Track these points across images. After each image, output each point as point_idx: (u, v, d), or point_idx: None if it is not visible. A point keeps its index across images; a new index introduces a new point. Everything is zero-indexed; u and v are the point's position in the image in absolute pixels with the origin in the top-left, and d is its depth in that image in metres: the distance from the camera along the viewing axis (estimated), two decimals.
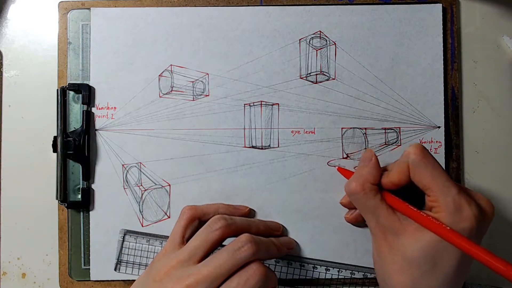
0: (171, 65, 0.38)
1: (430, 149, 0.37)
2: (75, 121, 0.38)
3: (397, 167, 0.31)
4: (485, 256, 0.26)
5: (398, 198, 0.31)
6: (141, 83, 0.38)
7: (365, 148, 0.37)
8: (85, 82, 0.38)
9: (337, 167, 0.37)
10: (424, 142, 0.37)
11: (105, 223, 0.37)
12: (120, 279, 0.37)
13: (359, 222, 0.36)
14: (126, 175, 0.38)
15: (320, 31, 0.38)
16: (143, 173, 0.38)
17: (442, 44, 0.38)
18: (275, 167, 0.38)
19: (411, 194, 0.31)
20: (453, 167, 0.38)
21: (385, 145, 0.38)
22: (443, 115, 0.38)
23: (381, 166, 0.33)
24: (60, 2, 0.38)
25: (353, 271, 0.37)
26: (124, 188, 0.37)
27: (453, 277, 0.29)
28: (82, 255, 0.38)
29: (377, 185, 0.32)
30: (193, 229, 0.34)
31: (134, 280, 0.33)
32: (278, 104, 0.38)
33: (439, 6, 0.38)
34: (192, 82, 0.38)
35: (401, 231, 0.30)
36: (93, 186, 0.37)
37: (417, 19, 0.38)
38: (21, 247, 0.38)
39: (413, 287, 0.29)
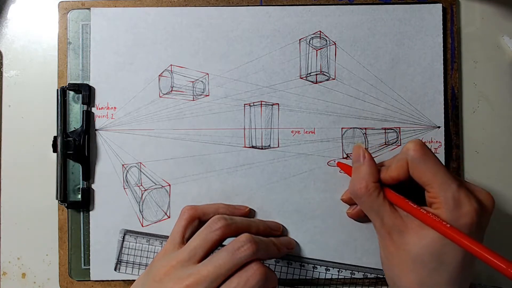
0: (171, 65, 0.38)
1: (430, 149, 0.37)
2: (75, 121, 0.38)
3: (396, 163, 0.31)
4: (485, 254, 0.26)
5: (399, 194, 0.31)
6: (141, 83, 0.38)
7: (366, 148, 0.37)
8: (85, 82, 0.38)
9: (337, 162, 0.37)
10: (424, 142, 0.37)
11: (105, 223, 0.37)
12: (120, 279, 0.37)
13: (361, 218, 0.36)
14: (126, 175, 0.38)
15: (320, 31, 0.38)
16: (143, 173, 0.38)
17: (442, 44, 0.38)
18: (275, 167, 0.38)
19: (412, 189, 0.31)
20: (453, 167, 0.38)
21: (385, 145, 0.38)
22: (443, 115, 0.38)
23: (380, 162, 0.33)
24: (60, 2, 0.38)
25: (353, 271, 0.37)
26: (124, 188, 0.37)
27: (459, 273, 0.29)
28: (82, 255, 0.38)
29: (378, 181, 0.32)
30: (193, 229, 0.34)
31: (134, 280, 0.33)
32: (278, 104, 0.38)
33: (439, 6, 0.38)
34: (192, 82, 0.38)
35: (405, 229, 0.30)
36: (93, 186, 0.38)
37: (417, 19, 0.38)
38: (21, 247, 0.38)
39: (420, 285, 0.29)
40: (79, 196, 0.37)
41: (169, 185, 0.37)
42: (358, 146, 0.34)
